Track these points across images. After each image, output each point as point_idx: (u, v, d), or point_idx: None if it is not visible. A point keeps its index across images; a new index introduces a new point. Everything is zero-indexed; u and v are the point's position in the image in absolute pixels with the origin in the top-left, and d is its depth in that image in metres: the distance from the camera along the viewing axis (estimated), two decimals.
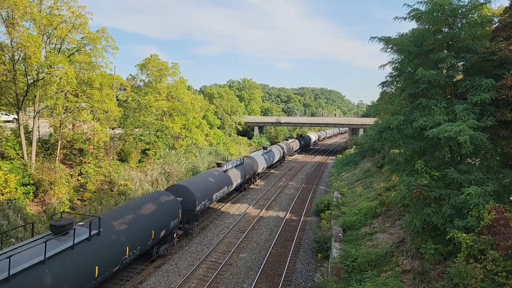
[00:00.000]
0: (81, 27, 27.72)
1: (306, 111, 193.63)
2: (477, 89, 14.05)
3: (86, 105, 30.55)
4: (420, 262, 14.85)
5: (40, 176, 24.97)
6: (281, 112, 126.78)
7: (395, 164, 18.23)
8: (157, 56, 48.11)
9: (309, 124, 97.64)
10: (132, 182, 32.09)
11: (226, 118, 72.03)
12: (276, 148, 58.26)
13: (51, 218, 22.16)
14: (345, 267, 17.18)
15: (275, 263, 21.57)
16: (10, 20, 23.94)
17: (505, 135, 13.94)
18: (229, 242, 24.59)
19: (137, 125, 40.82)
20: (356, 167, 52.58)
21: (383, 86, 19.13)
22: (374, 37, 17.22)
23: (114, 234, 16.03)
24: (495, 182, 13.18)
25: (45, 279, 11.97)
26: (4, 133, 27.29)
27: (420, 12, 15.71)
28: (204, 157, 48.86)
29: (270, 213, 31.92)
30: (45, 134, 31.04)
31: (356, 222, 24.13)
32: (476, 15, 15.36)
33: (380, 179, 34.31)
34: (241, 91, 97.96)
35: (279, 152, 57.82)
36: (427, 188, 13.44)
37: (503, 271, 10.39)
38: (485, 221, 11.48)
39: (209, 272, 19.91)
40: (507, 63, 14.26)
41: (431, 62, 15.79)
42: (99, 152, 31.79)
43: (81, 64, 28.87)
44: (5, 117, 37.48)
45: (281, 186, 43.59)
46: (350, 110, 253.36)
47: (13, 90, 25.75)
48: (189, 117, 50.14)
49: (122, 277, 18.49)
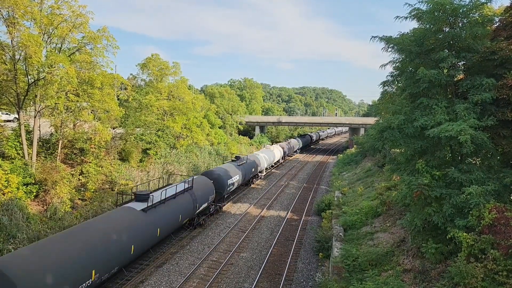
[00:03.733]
0: (81, 26, 27.75)
1: (307, 111, 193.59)
2: (478, 89, 14.04)
3: (87, 105, 30.57)
4: (420, 262, 14.85)
5: (43, 175, 25.01)
6: (282, 112, 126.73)
7: (396, 163, 18.23)
8: (158, 56, 48.16)
9: (310, 123, 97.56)
10: (133, 182, 32.11)
11: (227, 117, 72.02)
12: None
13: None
14: (346, 266, 17.19)
15: (276, 262, 21.59)
16: (11, 19, 23.96)
17: (506, 135, 13.94)
18: (230, 241, 24.61)
19: (138, 124, 40.85)
20: (357, 167, 52.56)
21: (384, 86, 19.09)
22: (375, 36, 17.18)
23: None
24: (495, 182, 13.18)
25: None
26: (5, 132, 27.32)
27: (421, 11, 15.68)
28: (205, 157, 48.89)
29: (271, 213, 31.94)
30: (46, 134, 31.07)
31: (357, 222, 24.15)
32: (477, 14, 15.32)
33: (381, 179, 34.29)
34: (242, 90, 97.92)
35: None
36: (428, 187, 13.44)
37: (504, 270, 10.39)
38: (486, 221, 11.48)
39: (210, 272, 19.94)
40: (507, 62, 14.25)
41: (432, 62, 15.76)
42: (100, 152, 31.82)
43: (82, 64, 28.88)
44: (5, 116, 37.55)
45: (282, 186, 43.60)
46: (351, 110, 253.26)
47: (14, 89, 25.78)
48: (190, 116, 50.16)
49: (123, 276, 18.52)
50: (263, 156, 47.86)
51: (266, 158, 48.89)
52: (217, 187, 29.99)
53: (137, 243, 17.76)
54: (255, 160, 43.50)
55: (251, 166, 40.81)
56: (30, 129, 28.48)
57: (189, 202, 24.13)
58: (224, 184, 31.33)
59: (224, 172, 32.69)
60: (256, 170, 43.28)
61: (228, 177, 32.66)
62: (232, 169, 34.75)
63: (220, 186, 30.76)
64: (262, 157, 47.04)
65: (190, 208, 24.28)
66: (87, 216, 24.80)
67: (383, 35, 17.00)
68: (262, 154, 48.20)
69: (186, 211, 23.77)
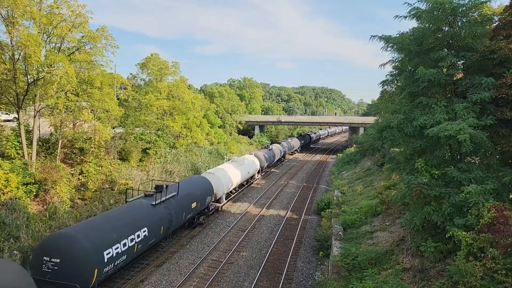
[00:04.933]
0: (81, 26, 27.68)
1: (307, 110, 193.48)
2: (477, 88, 14.06)
3: (87, 104, 30.55)
4: (420, 260, 14.88)
5: (42, 175, 25.01)
6: (281, 111, 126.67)
7: (395, 162, 18.25)
8: (157, 55, 48.13)
9: (309, 123, 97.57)
10: (133, 181, 32.11)
11: (226, 117, 72.03)
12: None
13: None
14: (346, 265, 17.22)
15: (276, 261, 21.62)
16: (10, 19, 23.91)
17: (505, 134, 13.94)
18: (230, 240, 24.64)
19: (137, 124, 40.84)
20: (357, 166, 52.60)
21: (383, 85, 19.11)
22: (375, 36, 17.19)
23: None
24: (494, 181, 13.20)
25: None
26: (5, 132, 27.31)
27: (420, 10, 15.70)
28: (205, 156, 48.90)
29: (271, 212, 31.97)
30: (46, 133, 31.05)
31: (356, 221, 24.18)
32: (476, 13, 15.35)
33: (381, 178, 34.33)
34: (241, 90, 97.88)
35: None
36: (427, 186, 13.46)
37: (503, 269, 10.40)
38: (485, 219, 11.49)
39: (210, 271, 19.97)
40: (507, 61, 14.26)
41: (431, 61, 15.78)
42: (100, 151, 31.82)
43: (81, 63, 28.87)
44: (5, 116, 37.48)
45: (282, 185, 43.63)
46: (351, 109, 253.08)
47: (13, 89, 25.75)
48: (190, 116, 50.15)
49: (123, 275, 18.54)
50: (219, 176, 30.92)
51: (223, 183, 30.79)
52: None
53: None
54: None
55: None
56: (29, 129, 28.46)
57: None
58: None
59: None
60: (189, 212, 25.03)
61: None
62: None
63: None
64: (217, 177, 30.51)
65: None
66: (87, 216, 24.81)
67: (382, 35, 17.03)
68: (218, 174, 31.10)
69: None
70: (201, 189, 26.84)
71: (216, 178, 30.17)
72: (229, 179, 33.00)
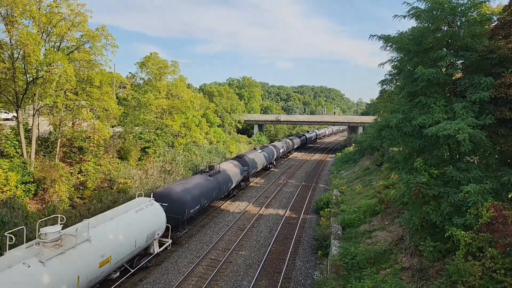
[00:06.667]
0: (80, 24, 27.67)
1: (306, 109, 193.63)
2: (476, 87, 14.06)
3: (86, 103, 30.53)
4: (419, 260, 14.90)
5: (41, 174, 24.99)
6: (280, 110, 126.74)
7: (394, 162, 18.27)
8: (156, 54, 48.04)
9: (308, 122, 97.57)
10: (132, 180, 32.10)
11: (225, 116, 72.00)
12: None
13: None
14: (344, 264, 17.24)
15: (274, 260, 21.64)
16: (9, 18, 23.89)
17: (504, 133, 13.95)
18: (228, 239, 24.66)
19: (137, 123, 40.83)
20: (356, 165, 52.64)
21: (382, 84, 19.13)
22: (374, 35, 17.17)
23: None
24: (493, 180, 13.20)
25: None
26: (4, 131, 27.28)
27: (419, 10, 15.70)
28: (205, 155, 48.86)
29: (270, 211, 31.98)
30: (45, 132, 31.03)
31: (355, 220, 24.21)
32: (475, 13, 15.34)
33: (379, 177, 34.37)
34: (241, 89, 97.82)
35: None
36: (426, 186, 13.47)
37: (502, 268, 10.41)
38: (484, 219, 11.50)
39: (209, 270, 19.98)
40: (506, 61, 14.28)
41: (430, 61, 15.79)
42: (99, 150, 31.81)
43: (81, 62, 28.85)
44: (4, 115, 37.42)
45: (281, 184, 43.65)
46: (350, 108, 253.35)
47: (13, 88, 25.73)
48: (189, 115, 50.12)
49: (123, 275, 18.53)
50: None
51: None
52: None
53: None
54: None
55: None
56: (28, 128, 28.44)
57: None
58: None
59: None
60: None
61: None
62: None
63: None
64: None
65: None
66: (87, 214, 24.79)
67: (381, 34, 17.03)
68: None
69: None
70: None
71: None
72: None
